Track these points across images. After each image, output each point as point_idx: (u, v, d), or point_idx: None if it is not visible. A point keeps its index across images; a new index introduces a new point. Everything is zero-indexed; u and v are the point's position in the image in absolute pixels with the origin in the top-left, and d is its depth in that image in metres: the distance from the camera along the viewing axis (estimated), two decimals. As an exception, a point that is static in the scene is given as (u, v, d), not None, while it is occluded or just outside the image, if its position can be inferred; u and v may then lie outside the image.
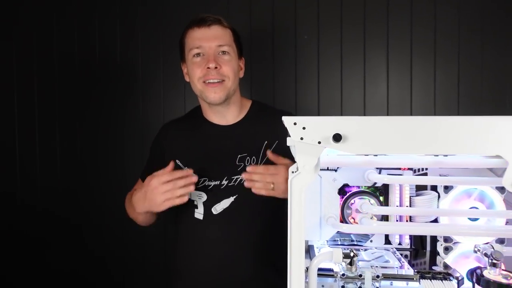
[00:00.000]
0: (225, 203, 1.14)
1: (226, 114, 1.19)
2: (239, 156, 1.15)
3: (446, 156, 0.75)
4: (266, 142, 1.16)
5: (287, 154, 1.03)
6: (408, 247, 0.89)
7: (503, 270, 0.71)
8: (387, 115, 1.72)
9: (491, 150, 0.67)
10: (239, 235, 1.14)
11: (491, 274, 0.70)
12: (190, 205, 1.16)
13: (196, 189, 1.15)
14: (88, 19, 1.78)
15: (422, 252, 0.89)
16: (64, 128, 1.80)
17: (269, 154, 1.09)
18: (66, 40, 1.79)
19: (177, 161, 1.18)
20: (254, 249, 1.14)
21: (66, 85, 1.79)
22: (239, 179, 1.14)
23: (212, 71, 1.11)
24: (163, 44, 1.76)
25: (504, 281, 0.68)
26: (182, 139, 1.22)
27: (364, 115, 1.71)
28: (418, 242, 0.90)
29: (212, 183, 1.15)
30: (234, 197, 1.14)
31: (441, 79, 1.70)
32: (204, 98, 1.15)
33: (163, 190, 1.03)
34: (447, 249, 0.83)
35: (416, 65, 1.71)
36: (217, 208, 1.14)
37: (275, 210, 1.13)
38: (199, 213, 1.16)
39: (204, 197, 1.16)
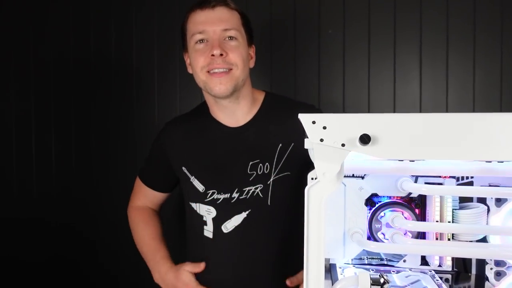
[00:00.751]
0: (236, 220, 1.02)
1: (236, 111, 1.04)
2: (250, 163, 1.02)
3: (502, 162, 0.61)
4: (280, 145, 1.02)
5: (305, 155, 0.91)
6: (450, 269, 0.75)
7: None
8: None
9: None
10: (253, 256, 1.02)
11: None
12: (200, 220, 1.05)
13: (205, 202, 1.05)
14: (103, 22, 1.72)
15: (466, 276, 0.75)
16: (78, 136, 1.75)
17: (288, 281, 1.01)
18: (81, 42, 1.74)
19: (183, 168, 1.08)
20: (271, 270, 1.02)
21: (81, 90, 1.74)
22: (251, 191, 1.01)
23: (217, 59, 0.96)
24: (178, 44, 1.67)
25: None
26: (187, 143, 1.09)
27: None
28: (460, 263, 0.76)
29: (222, 197, 1.03)
30: (247, 212, 1.01)
31: (481, 76, 1.54)
32: (209, 90, 1.00)
33: None
34: (499, 275, 0.69)
35: (452, 60, 1.55)
36: (228, 226, 1.02)
37: (295, 224, 1.00)
38: (208, 231, 1.05)
39: (214, 212, 1.04)
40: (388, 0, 1.56)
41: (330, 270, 0.78)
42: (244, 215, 1.01)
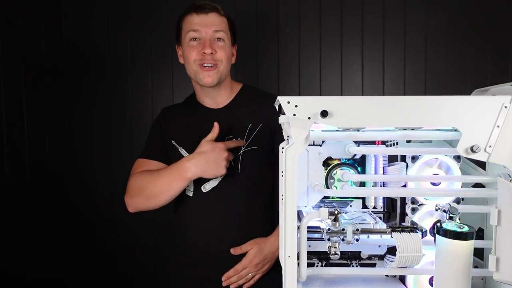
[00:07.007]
0: (213, 182, 1.25)
1: (217, 96, 1.30)
2: (226, 138, 1.26)
3: (413, 130, 0.90)
4: (250, 125, 1.27)
5: (270, 135, 1.18)
6: (382, 210, 1.04)
7: (457, 222, 0.87)
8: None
9: (448, 123, 0.82)
10: (225, 212, 1.25)
11: (448, 225, 0.85)
12: None
13: None
14: (78, 12, 1.86)
15: (394, 214, 1.05)
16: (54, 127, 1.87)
17: (232, 250, 1.22)
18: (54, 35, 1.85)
19: (172, 141, 1.29)
20: (238, 224, 1.25)
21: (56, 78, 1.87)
22: None
23: (208, 56, 1.21)
24: (151, 33, 1.87)
25: (458, 230, 0.83)
26: (177, 121, 1.33)
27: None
28: (389, 205, 1.06)
29: None
30: (222, 177, 1.24)
31: (410, 69, 1.90)
32: (198, 80, 1.24)
33: (228, 157, 1.17)
34: (413, 210, 0.98)
35: (387, 59, 1.89)
36: (206, 187, 1.25)
37: (260, 189, 1.26)
38: (189, 190, 1.27)
39: None
40: (336, 5, 1.86)
41: (298, 216, 1.04)
42: (219, 179, 1.24)
